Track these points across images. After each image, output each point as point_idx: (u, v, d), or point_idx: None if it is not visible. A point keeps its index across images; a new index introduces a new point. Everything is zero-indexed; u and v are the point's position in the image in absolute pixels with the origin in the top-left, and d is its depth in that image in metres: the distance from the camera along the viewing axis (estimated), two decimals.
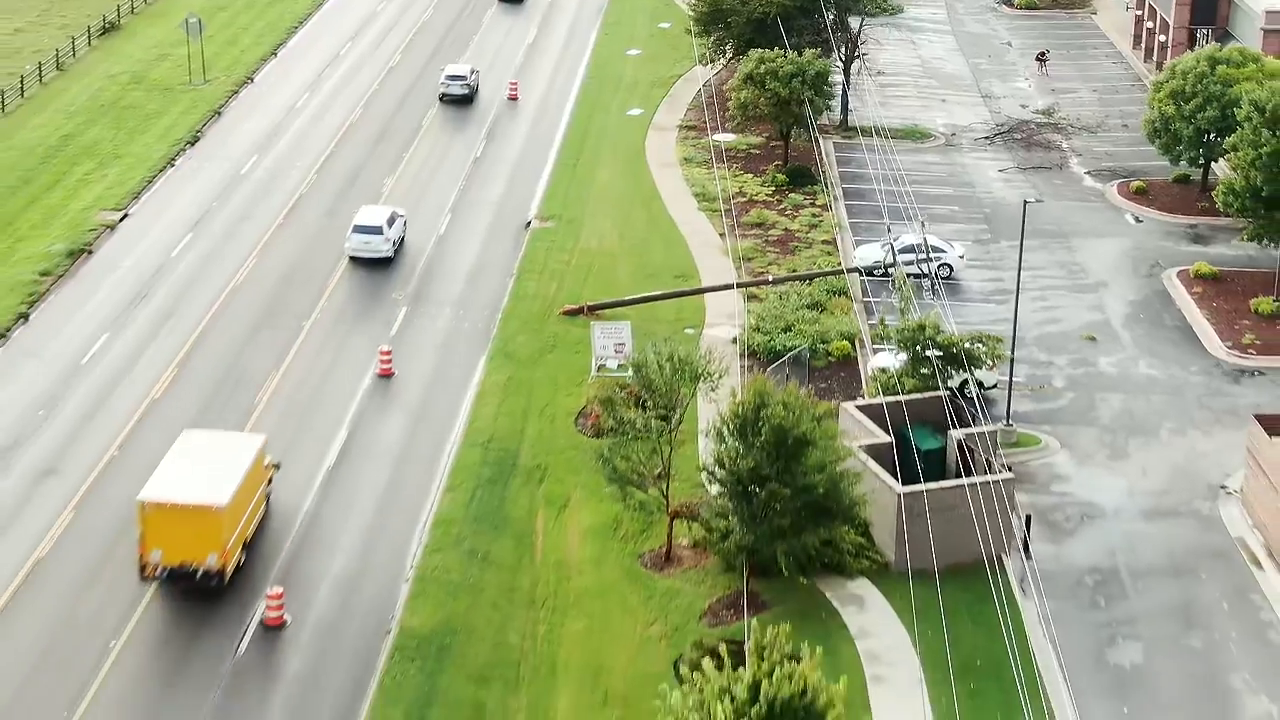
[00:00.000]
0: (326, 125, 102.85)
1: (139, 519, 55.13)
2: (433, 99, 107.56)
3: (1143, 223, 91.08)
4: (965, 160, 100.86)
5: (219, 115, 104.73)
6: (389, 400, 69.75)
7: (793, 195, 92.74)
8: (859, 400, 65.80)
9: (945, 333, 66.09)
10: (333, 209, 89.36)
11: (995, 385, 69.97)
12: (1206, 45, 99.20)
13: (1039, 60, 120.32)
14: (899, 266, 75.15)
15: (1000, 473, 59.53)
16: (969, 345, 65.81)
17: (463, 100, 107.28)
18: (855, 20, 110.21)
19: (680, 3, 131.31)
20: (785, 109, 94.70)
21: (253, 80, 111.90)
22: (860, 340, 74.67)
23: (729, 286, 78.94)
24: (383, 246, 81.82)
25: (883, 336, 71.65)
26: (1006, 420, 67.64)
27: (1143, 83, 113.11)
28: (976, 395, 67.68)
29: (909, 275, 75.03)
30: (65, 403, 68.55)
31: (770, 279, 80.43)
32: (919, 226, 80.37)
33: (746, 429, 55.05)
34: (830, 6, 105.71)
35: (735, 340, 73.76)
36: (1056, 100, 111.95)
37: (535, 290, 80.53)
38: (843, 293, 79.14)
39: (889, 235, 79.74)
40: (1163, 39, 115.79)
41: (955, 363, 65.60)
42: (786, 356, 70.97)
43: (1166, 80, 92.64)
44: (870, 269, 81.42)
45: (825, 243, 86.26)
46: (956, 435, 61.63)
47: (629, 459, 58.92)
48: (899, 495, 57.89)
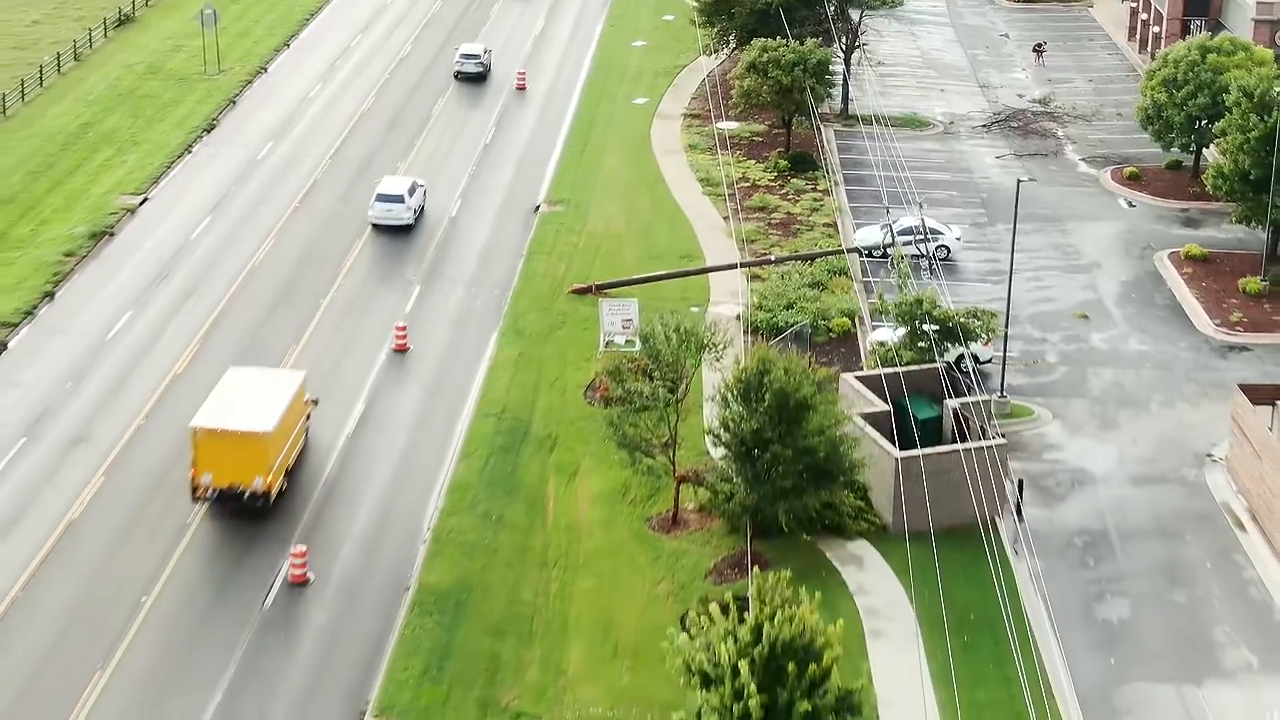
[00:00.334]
0: (339, 114, 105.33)
1: (191, 445, 59.83)
2: (443, 88, 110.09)
3: (1135, 207, 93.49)
4: (963, 148, 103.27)
5: (234, 104, 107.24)
6: (405, 374, 72.22)
7: (794, 181, 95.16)
8: (858, 372, 68.23)
9: (941, 307, 68.54)
10: (347, 194, 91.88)
11: (990, 360, 72.39)
12: (1199, 35, 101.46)
13: (1036, 51, 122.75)
14: (897, 245, 77.51)
15: (994, 439, 61.96)
16: (964, 320, 68.26)
17: (476, 78, 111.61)
18: (856, 12, 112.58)
19: None
20: (787, 97, 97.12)
21: (266, 70, 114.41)
22: (860, 317, 77.11)
23: (733, 266, 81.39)
24: (404, 214, 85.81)
25: (881, 311, 74.04)
26: (1001, 392, 70.03)
27: (1137, 73, 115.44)
28: (972, 369, 70.27)
29: (907, 256, 77.43)
30: (92, 376, 71.02)
31: (773, 258, 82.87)
32: (917, 209, 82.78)
33: (750, 394, 57.52)
34: None
35: (739, 317, 76.17)
36: (1053, 90, 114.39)
37: (544, 270, 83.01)
38: (843, 272, 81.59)
39: (887, 217, 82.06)
40: (1157, 30, 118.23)
41: (951, 337, 68.08)
42: (788, 331, 73.39)
43: (1159, 68, 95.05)
44: (870, 250, 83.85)
45: (826, 225, 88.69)
46: (952, 404, 64.04)
47: (637, 426, 61.45)
48: (896, 460, 60.32)
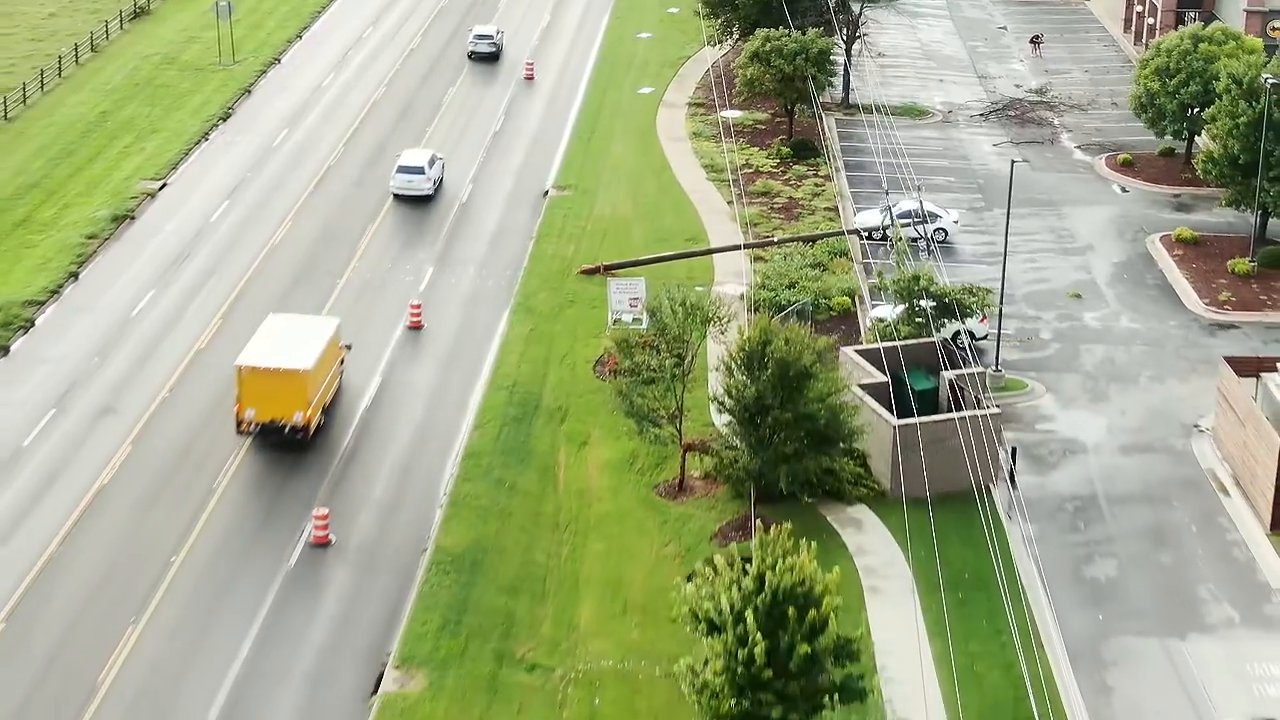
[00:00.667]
0: (352, 103, 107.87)
1: (236, 382, 64.44)
2: (453, 78, 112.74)
3: (1129, 192, 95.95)
4: (961, 136, 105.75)
5: (249, 93, 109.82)
6: (419, 350, 74.76)
7: (796, 167, 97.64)
8: (858, 345, 70.73)
9: (938, 284, 71.03)
10: (360, 179, 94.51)
11: (986, 336, 74.85)
12: (1192, 25, 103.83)
13: (1033, 43, 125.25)
14: (896, 226, 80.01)
15: (988, 409, 64.43)
16: (960, 296, 70.75)
17: (489, 57, 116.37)
18: (856, 4, 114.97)
19: None
20: (789, 85, 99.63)
21: (280, 61, 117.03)
22: (860, 296, 79.58)
23: (736, 248, 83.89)
24: (424, 185, 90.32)
25: (881, 289, 76.50)
26: (995, 367, 72.49)
27: (1132, 64, 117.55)
28: (968, 344, 72.77)
29: (906, 239, 79.87)
30: (117, 351, 73.56)
31: (776, 239, 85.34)
32: (915, 192, 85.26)
33: (753, 363, 60.01)
34: None
35: (742, 296, 78.61)
36: (1049, 81, 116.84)
37: (554, 252, 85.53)
38: (843, 254, 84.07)
39: (886, 199, 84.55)
40: (1151, 22, 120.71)
41: (948, 313, 70.57)
42: (790, 309, 75.80)
43: (1152, 57, 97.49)
44: (869, 232, 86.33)
45: (827, 210, 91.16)
46: (948, 376, 66.51)
47: (645, 396, 63.99)
48: (894, 428, 62.79)
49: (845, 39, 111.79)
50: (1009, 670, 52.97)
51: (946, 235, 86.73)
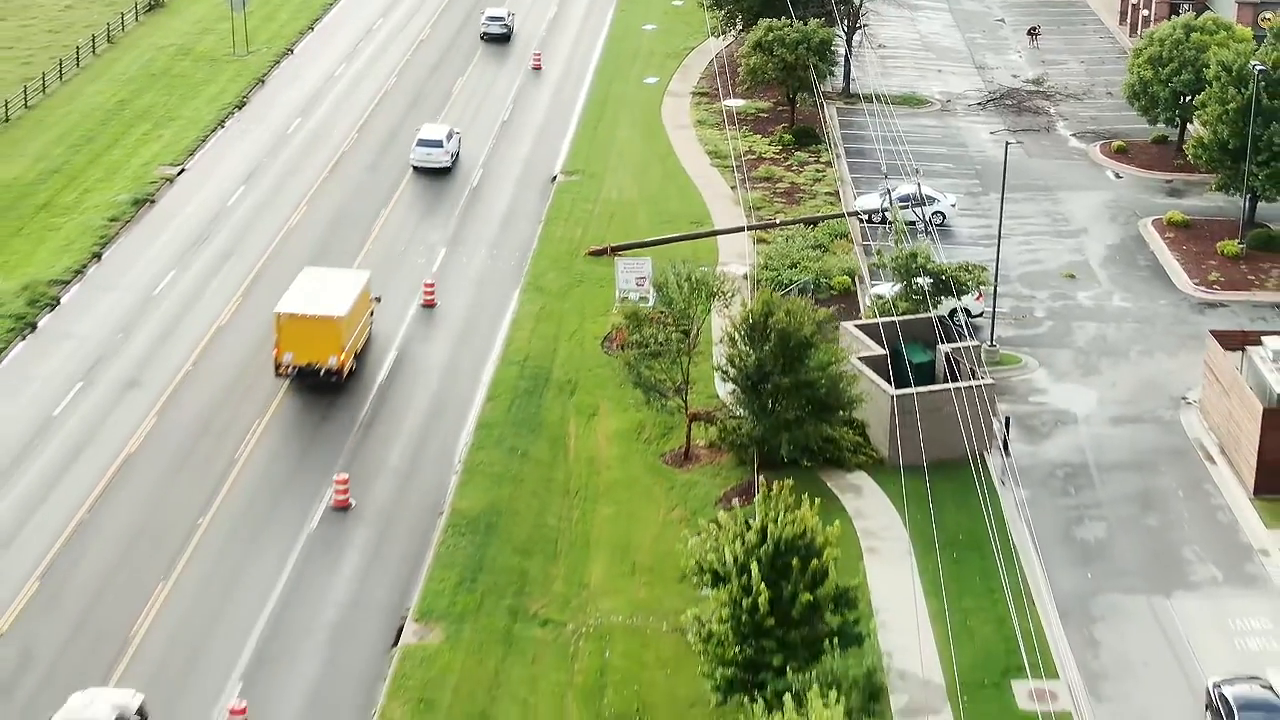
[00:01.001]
0: (363, 92, 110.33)
1: (275, 328, 69.20)
2: (461, 69, 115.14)
3: (1122, 178, 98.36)
4: (959, 124, 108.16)
5: (263, 83, 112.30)
6: (433, 326, 77.25)
7: (798, 154, 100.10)
8: (858, 320, 73.20)
9: (935, 262, 73.50)
10: (374, 164, 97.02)
11: (981, 313, 77.28)
12: (1184, 15, 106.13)
13: (1030, 35, 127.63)
14: (895, 206, 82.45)
15: (982, 380, 66.85)
16: (955, 273, 73.22)
17: (501, 38, 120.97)
18: None
19: None
20: (791, 73, 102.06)
21: (292, 52, 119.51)
22: (860, 276, 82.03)
23: (740, 229, 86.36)
24: (443, 158, 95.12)
25: (879, 266, 78.95)
26: (990, 342, 74.94)
27: (1127, 55, 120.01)
28: (964, 322, 75.20)
29: (905, 222, 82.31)
30: (141, 328, 76.07)
31: (778, 221, 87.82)
32: (913, 174, 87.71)
33: (755, 333, 62.48)
34: None
35: (746, 276, 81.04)
36: (1046, 71, 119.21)
37: (562, 234, 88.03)
38: (844, 235, 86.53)
39: (885, 182, 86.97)
40: (1146, 13, 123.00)
41: (944, 289, 73.02)
42: (791, 287, 78.26)
43: (1145, 46, 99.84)
44: (869, 214, 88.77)
45: (828, 194, 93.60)
46: (944, 349, 68.95)
47: (652, 368, 66.49)
48: (892, 397, 65.25)
49: (846, 30, 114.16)
50: (1001, 625, 55.47)
51: (945, 219, 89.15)
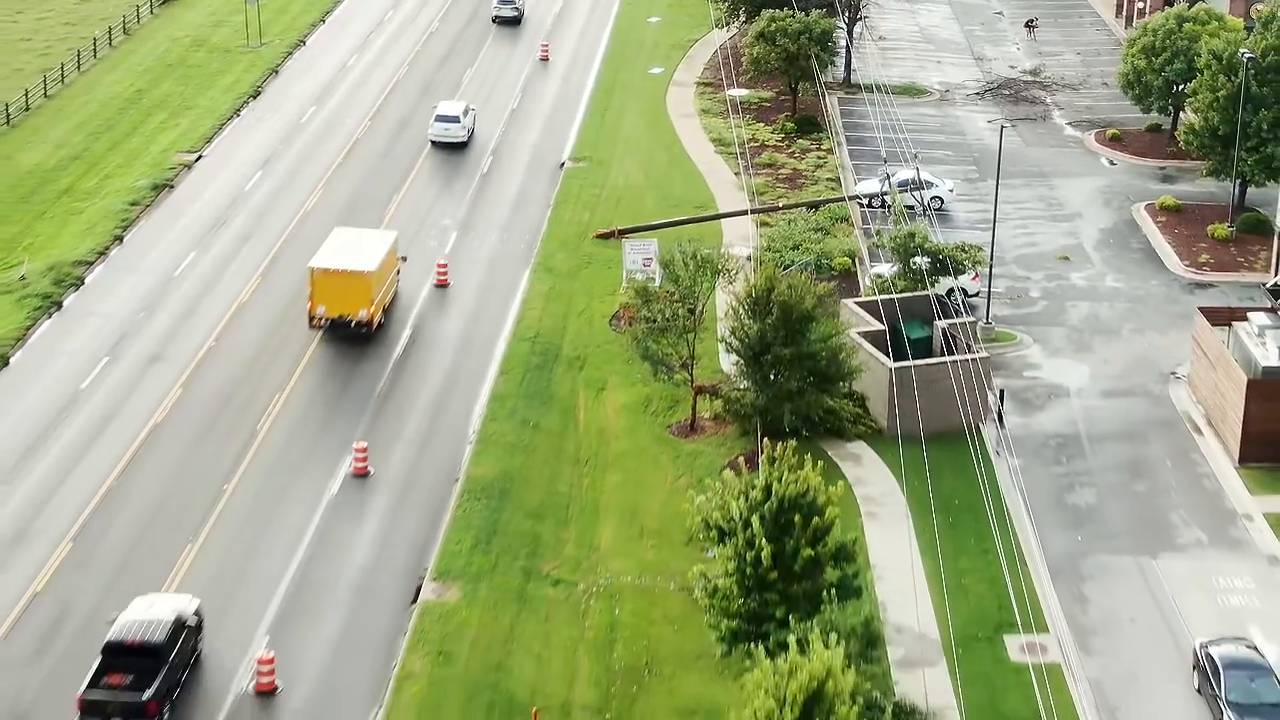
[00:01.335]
0: (375, 81, 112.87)
1: (309, 282, 73.67)
2: (470, 59, 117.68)
3: (1116, 165, 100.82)
4: (958, 113, 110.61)
5: (276, 73, 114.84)
6: (446, 305, 79.75)
7: (800, 141, 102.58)
8: (857, 298, 75.65)
9: (932, 242, 75.95)
10: (386, 151, 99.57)
11: (978, 293, 79.73)
12: (1178, 6, 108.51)
13: (1028, 27, 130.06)
14: (894, 189, 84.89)
15: (978, 354, 69.28)
16: (952, 253, 75.67)
17: (512, 21, 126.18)
18: None
19: None
20: (794, 63, 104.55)
21: (305, 43, 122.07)
22: (860, 257, 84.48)
23: (743, 213, 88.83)
24: (460, 133, 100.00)
25: (879, 246, 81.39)
26: (986, 319, 77.38)
27: (1123, 47, 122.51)
28: (961, 301, 77.58)
29: (904, 206, 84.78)
30: (163, 306, 78.57)
31: (780, 205, 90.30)
32: (911, 158, 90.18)
33: (758, 307, 64.93)
34: None
35: (749, 258, 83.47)
36: (1043, 62, 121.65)
37: (571, 218, 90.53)
38: (845, 219, 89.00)
39: (885, 167, 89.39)
40: (1141, 6, 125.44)
41: (941, 268, 75.46)
42: (793, 267, 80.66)
43: (1139, 36, 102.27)
44: (869, 199, 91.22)
45: (830, 180, 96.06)
46: (941, 325, 71.38)
47: (659, 343, 68.96)
48: (890, 370, 67.68)
49: (847, 21, 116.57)
50: (994, 584, 57.92)
51: (942, 203, 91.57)
